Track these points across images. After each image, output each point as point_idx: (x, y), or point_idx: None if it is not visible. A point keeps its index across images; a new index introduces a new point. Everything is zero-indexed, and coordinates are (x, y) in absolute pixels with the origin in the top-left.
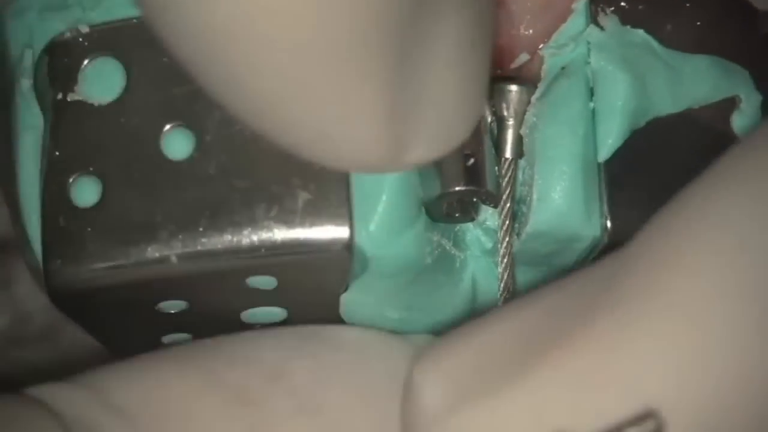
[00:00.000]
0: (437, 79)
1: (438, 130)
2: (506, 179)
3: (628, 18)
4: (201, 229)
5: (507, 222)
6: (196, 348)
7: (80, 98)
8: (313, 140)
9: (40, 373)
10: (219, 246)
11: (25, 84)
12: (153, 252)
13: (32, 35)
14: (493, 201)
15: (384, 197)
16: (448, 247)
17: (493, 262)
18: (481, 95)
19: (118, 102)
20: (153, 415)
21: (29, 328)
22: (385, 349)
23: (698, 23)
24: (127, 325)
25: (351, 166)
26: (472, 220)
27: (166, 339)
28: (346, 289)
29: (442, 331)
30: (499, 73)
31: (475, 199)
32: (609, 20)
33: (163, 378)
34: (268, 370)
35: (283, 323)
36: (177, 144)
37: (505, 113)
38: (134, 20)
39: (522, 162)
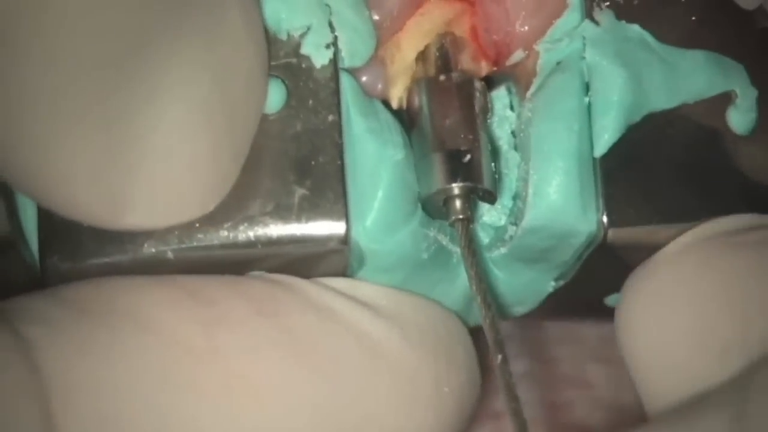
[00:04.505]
0: (160, 150)
1: (163, 200)
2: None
3: (623, 13)
4: (197, 224)
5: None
6: None
7: None
8: (38, 191)
9: None
10: (215, 242)
11: None
12: (149, 248)
13: None
14: (490, 198)
15: (380, 193)
16: (444, 243)
17: (489, 257)
18: (223, 176)
19: None
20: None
21: None
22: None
23: (693, 18)
24: None
25: (76, 218)
26: None
27: None
28: None
29: None
30: (495, 71)
31: (471, 196)
32: (604, 15)
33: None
34: (227, 281)
35: None
36: None
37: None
38: None
39: (517, 157)
